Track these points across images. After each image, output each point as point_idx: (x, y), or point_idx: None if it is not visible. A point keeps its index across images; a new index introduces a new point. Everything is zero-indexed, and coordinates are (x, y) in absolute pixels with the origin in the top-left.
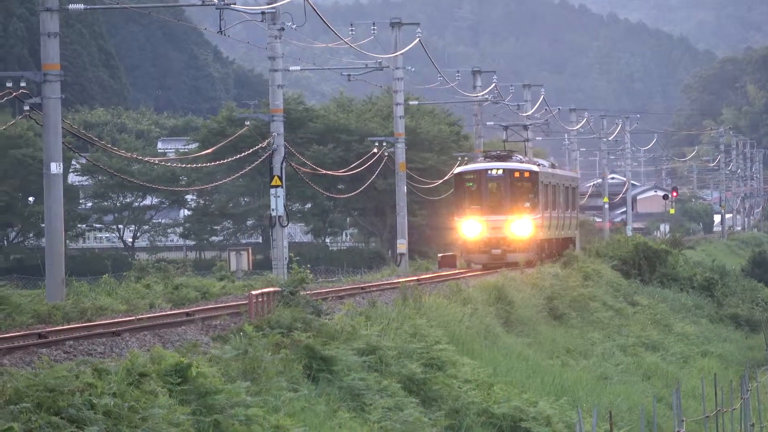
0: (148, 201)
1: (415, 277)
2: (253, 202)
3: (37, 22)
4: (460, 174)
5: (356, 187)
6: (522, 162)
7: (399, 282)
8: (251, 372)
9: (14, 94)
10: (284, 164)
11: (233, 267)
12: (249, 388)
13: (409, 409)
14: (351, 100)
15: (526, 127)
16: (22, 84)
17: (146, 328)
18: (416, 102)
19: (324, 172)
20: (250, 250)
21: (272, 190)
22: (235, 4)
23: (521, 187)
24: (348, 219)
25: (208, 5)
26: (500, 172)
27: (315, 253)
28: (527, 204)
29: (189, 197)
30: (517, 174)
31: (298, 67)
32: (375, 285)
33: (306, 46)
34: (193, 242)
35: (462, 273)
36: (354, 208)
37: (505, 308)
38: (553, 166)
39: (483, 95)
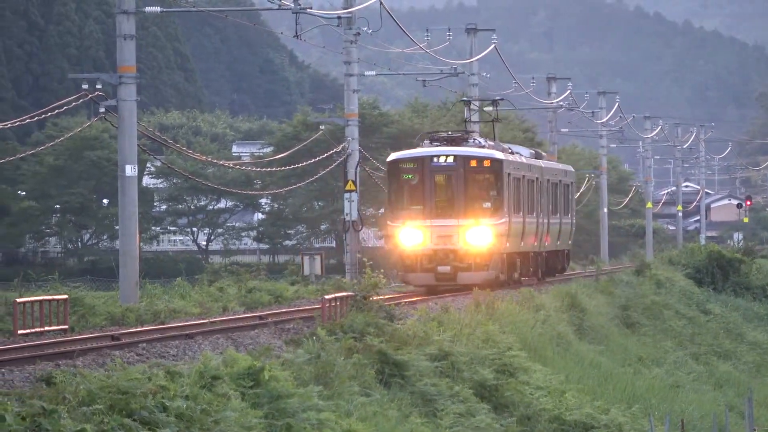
0: (222, 204)
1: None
2: (327, 207)
3: (113, 25)
4: (395, 162)
5: None
6: (482, 147)
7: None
8: (323, 376)
9: (90, 96)
10: (358, 169)
11: (306, 271)
12: (321, 392)
13: (481, 415)
14: (425, 106)
15: (495, 102)
16: (98, 86)
17: (219, 331)
18: (491, 108)
19: None
20: (323, 255)
21: (346, 195)
22: (311, 8)
23: (480, 181)
24: None
25: (285, 9)
26: (450, 160)
27: (388, 258)
28: (488, 204)
29: (263, 201)
30: (473, 163)
31: (374, 72)
32: (447, 290)
33: (381, 51)
34: (267, 246)
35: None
36: None
37: (578, 315)
38: (537, 155)
39: (558, 102)
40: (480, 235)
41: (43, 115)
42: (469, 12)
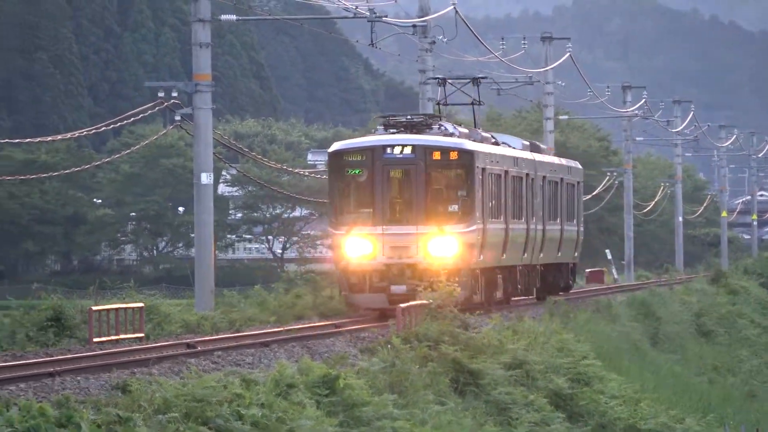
0: (297, 213)
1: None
2: None
3: (189, 33)
4: (337, 155)
5: None
6: (450, 135)
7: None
8: (398, 384)
9: (166, 104)
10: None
11: None
12: (396, 400)
13: (556, 424)
14: (500, 114)
15: (476, 80)
16: (174, 94)
17: (294, 340)
18: (566, 117)
19: None
20: None
21: None
22: (386, 16)
23: (445, 178)
24: None
25: (360, 18)
26: (408, 151)
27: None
28: (454, 207)
29: None
30: (436, 154)
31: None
32: (522, 300)
33: (456, 60)
34: None
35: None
36: None
37: (653, 324)
38: (533, 147)
39: (633, 111)
40: (445, 245)
41: (118, 123)
42: (545, 20)
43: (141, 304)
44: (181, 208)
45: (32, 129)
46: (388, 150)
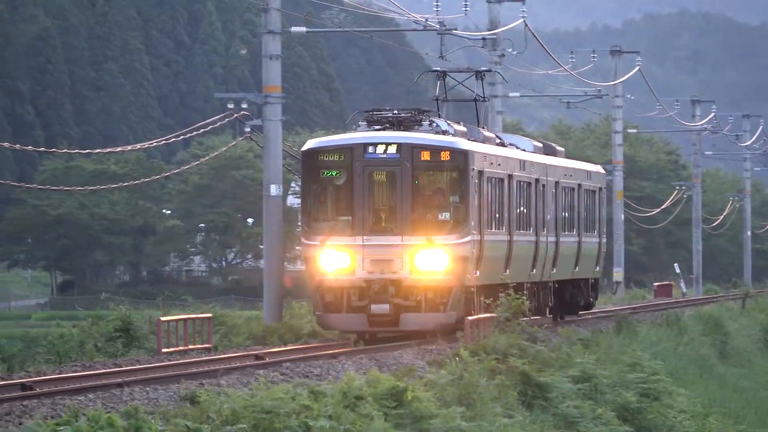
0: None
1: (630, 306)
2: None
3: (259, 45)
4: (312, 154)
5: None
6: (443, 133)
7: (614, 310)
8: (466, 397)
9: (236, 115)
10: None
11: None
12: (464, 413)
13: None
14: (569, 127)
15: (480, 74)
16: (244, 105)
17: (362, 352)
18: (635, 130)
19: None
20: None
21: None
22: (456, 29)
23: (435, 182)
24: None
25: (430, 30)
26: (392, 150)
27: None
28: (445, 215)
29: None
30: (425, 155)
31: (518, 94)
32: (590, 313)
33: (526, 73)
34: None
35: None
36: None
37: (721, 339)
38: (547, 150)
39: (702, 125)
40: (434, 259)
41: (188, 134)
42: (614, 34)
43: (209, 315)
44: (250, 220)
45: (102, 140)
46: (370, 149)
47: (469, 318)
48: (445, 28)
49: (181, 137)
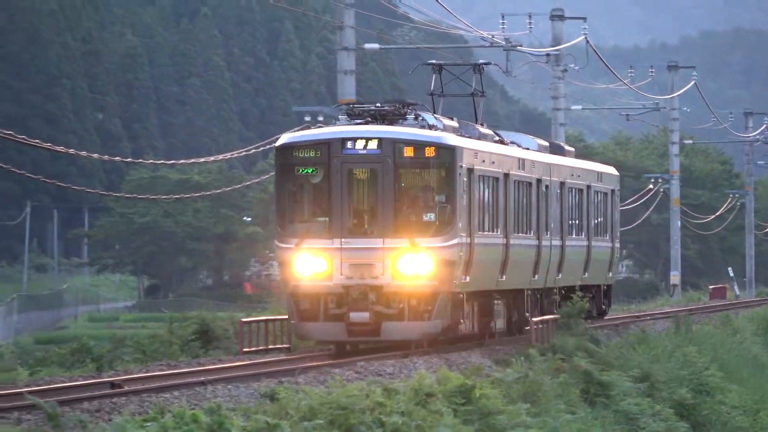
0: None
1: (687, 308)
2: None
3: (334, 61)
4: (286, 150)
5: (632, 221)
6: (430, 128)
7: (671, 312)
8: (531, 395)
9: (312, 128)
10: None
11: None
12: (529, 409)
13: None
14: (629, 138)
15: (478, 67)
16: (320, 118)
17: (433, 352)
18: (690, 141)
19: None
20: None
21: None
22: (521, 45)
23: (420, 180)
24: (624, 251)
25: (496, 47)
26: (373, 145)
27: None
28: (431, 216)
29: None
30: (408, 151)
31: (580, 107)
32: (649, 314)
33: (587, 87)
34: None
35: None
36: (630, 241)
37: None
38: (555, 149)
39: (754, 136)
40: (417, 263)
41: (267, 146)
42: (671, 50)
43: (287, 317)
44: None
45: (186, 151)
46: (349, 144)
47: (534, 320)
48: (510, 44)
49: (261, 148)
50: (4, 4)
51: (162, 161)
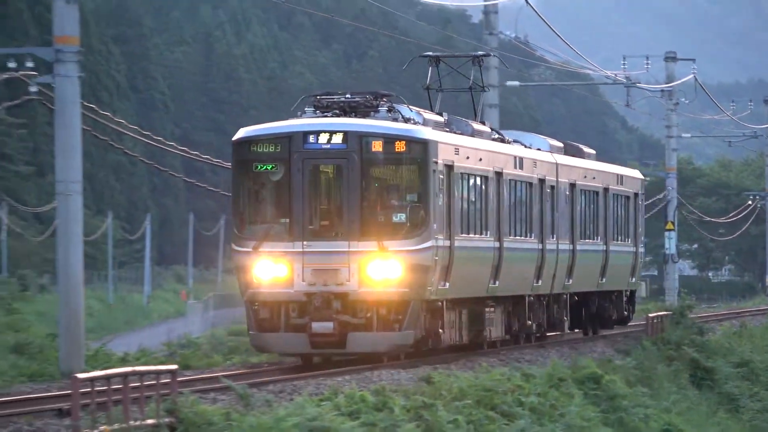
0: None
1: None
2: (650, 242)
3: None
4: (243, 145)
5: (733, 232)
6: (406, 121)
7: (767, 309)
8: (647, 379)
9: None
10: (676, 212)
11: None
12: (646, 392)
13: None
14: (731, 162)
15: (477, 59)
16: None
17: (565, 342)
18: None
19: (708, 219)
20: (648, 281)
21: (666, 233)
22: (639, 83)
23: (389, 177)
24: (726, 257)
25: (618, 84)
26: (338, 139)
27: (699, 284)
28: (401, 217)
29: None
30: (376, 145)
31: (689, 135)
32: (747, 311)
33: (695, 118)
34: None
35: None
36: (731, 249)
37: None
38: (571, 149)
39: None
40: (386, 268)
41: None
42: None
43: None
44: None
45: None
46: (311, 138)
47: (650, 315)
48: (630, 81)
49: None
50: (206, 49)
51: None
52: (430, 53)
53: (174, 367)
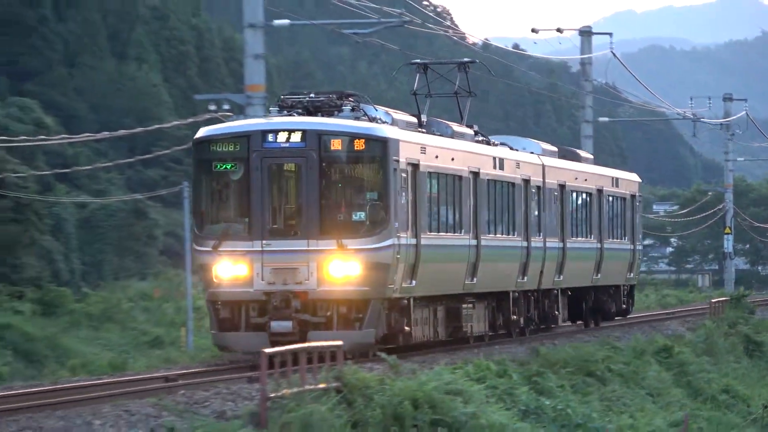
0: (645, 242)
1: None
2: (713, 243)
3: (578, 130)
4: (203, 144)
5: None
6: (371, 120)
7: None
8: (710, 351)
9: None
10: (732, 219)
11: (700, 284)
12: (709, 361)
13: None
14: None
15: (463, 65)
16: None
17: (645, 323)
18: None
19: (757, 224)
20: (710, 274)
21: (725, 236)
22: (703, 118)
23: (349, 176)
24: None
25: (687, 119)
26: (297, 138)
27: (751, 276)
28: (360, 215)
29: (672, 240)
30: (335, 144)
31: (742, 158)
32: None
33: (747, 145)
34: (674, 268)
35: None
36: None
37: None
38: (566, 153)
39: None
40: (346, 267)
41: None
42: None
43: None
44: None
45: None
46: (270, 137)
47: (712, 300)
48: (696, 117)
49: None
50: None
51: None
52: (419, 60)
53: (339, 342)
